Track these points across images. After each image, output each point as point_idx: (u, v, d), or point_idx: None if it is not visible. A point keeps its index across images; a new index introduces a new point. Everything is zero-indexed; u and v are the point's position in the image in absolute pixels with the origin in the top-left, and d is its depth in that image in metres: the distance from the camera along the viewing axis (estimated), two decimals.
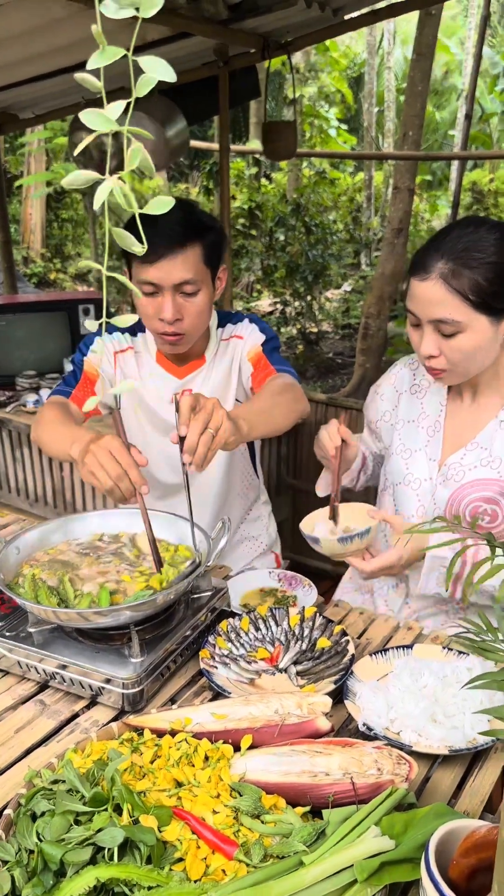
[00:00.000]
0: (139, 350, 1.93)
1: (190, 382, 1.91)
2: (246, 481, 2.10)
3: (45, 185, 12.28)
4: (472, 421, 1.60)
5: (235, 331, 1.94)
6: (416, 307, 1.46)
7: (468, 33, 15.22)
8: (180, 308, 1.69)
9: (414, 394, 1.71)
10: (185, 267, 1.64)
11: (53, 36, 2.75)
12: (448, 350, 1.45)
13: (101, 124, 0.58)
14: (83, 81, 0.60)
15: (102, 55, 0.59)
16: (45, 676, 1.31)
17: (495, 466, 1.55)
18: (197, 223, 1.67)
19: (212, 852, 0.91)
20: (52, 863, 0.87)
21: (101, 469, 1.34)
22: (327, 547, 1.54)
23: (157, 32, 2.95)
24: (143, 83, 0.58)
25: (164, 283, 1.65)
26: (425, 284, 1.42)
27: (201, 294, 1.71)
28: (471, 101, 5.93)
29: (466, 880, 0.79)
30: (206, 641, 1.39)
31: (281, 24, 3.18)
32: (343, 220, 11.43)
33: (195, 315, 1.72)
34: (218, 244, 1.74)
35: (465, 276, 1.38)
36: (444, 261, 1.40)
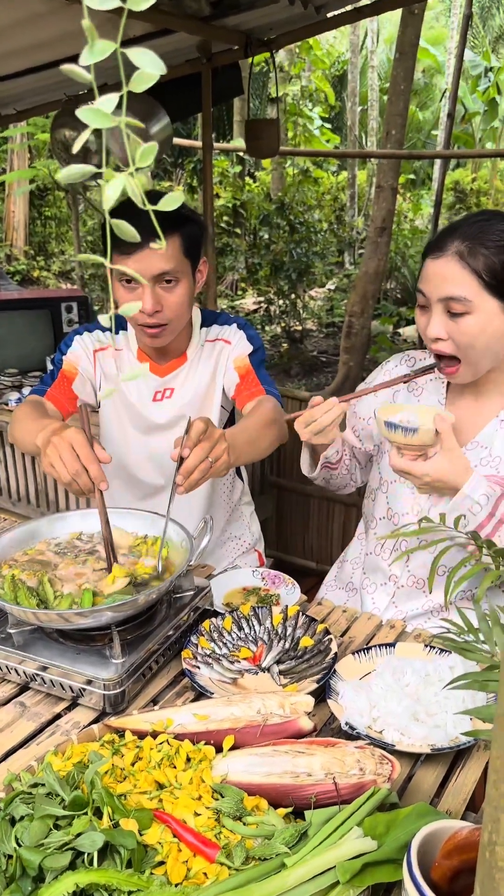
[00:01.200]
0: (120, 347, 1.92)
1: (171, 381, 1.90)
2: (229, 481, 2.09)
3: (29, 181, 12.19)
4: (473, 420, 1.60)
5: (222, 333, 1.92)
6: (427, 286, 1.46)
7: (450, 33, 15.28)
8: (160, 299, 1.68)
9: (411, 391, 1.70)
10: (163, 258, 1.64)
11: (34, 31, 2.73)
12: (456, 332, 1.43)
13: (98, 120, 0.57)
14: (71, 73, 0.58)
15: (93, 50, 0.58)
16: (25, 678, 1.30)
17: (495, 465, 1.54)
18: (175, 214, 1.67)
19: (193, 855, 0.90)
20: (30, 868, 0.86)
21: (60, 462, 1.35)
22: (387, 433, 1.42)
23: (139, 28, 2.93)
24: (141, 79, 0.57)
25: (144, 274, 1.64)
26: (440, 262, 1.43)
27: (181, 285, 1.71)
28: (453, 101, 5.94)
29: (449, 882, 0.78)
30: (189, 641, 1.38)
31: (264, 22, 3.17)
32: (327, 219, 11.43)
33: (175, 306, 1.71)
34: (197, 236, 1.74)
35: (481, 255, 1.39)
36: (460, 240, 1.42)
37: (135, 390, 1.91)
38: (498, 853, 0.58)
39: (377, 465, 1.77)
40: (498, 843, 0.58)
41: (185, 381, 1.90)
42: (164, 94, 3.54)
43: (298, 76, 12.36)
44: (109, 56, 0.59)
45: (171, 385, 1.90)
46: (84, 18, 0.56)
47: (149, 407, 1.91)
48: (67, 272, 13.34)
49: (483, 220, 1.44)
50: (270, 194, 11.02)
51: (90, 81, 0.59)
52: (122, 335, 1.92)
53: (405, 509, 1.65)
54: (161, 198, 0.58)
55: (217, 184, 9.86)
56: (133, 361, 1.91)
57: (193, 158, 9.85)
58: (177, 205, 0.64)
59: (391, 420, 1.42)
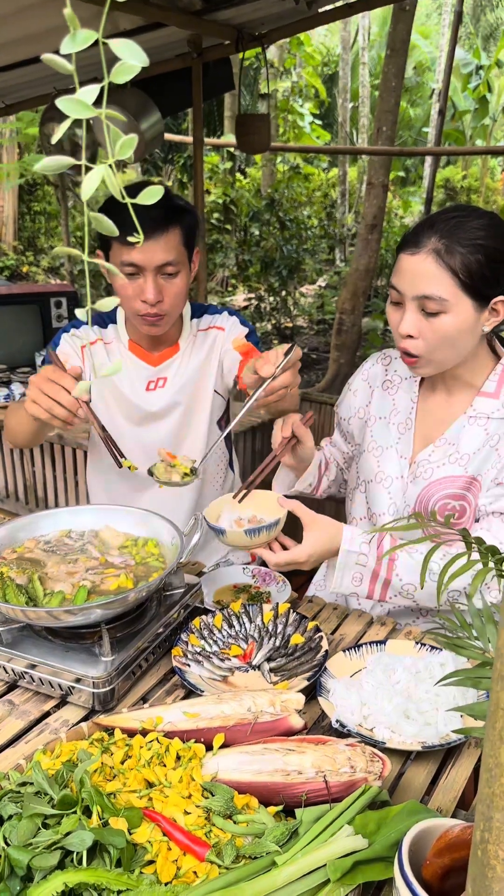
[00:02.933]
0: (109, 340, 1.92)
1: (164, 370, 1.91)
2: (222, 473, 2.10)
3: (17, 176, 12.12)
4: (443, 417, 1.59)
5: (215, 322, 1.95)
6: (402, 282, 1.44)
7: (442, 30, 15.30)
8: (161, 289, 1.71)
9: (386, 390, 1.70)
10: (166, 248, 1.66)
11: (23, 24, 2.71)
12: (429, 331, 1.42)
13: (78, 111, 0.56)
14: (51, 62, 0.57)
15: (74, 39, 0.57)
16: (13, 676, 1.29)
17: (462, 462, 1.54)
18: (176, 206, 1.71)
19: (183, 854, 0.89)
20: (18, 868, 0.85)
21: (41, 393, 1.41)
22: (232, 538, 1.45)
23: (129, 22, 2.91)
24: (122, 70, 0.56)
25: (147, 264, 1.66)
26: (416, 258, 1.40)
27: (181, 275, 1.73)
28: (444, 98, 5.95)
29: (440, 880, 0.78)
30: (179, 639, 1.38)
31: (255, 16, 3.16)
32: (317, 216, 11.43)
33: (175, 296, 1.74)
34: (194, 227, 1.77)
35: (458, 254, 1.37)
36: (437, 236, 1.39)
37: (127, 381, 1.91)
38: (490, 851, 0.58)
39: (355, 465, 1.77)
40: (490, 842, 0.58)
41: (179, 370, 1.92)
42: (156, 88, 3.52)
43: (289, 72, 12.34)
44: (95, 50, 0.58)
45: (163, 374, 1.92)
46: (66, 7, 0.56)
47: (142, 396, 1.91)
48: (56, 268, 13.28)
49: (460, 216, 1.41)
50: (261, 190, 11.00)
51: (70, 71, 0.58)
52: (112, 328, 1.93)
53: (383, 509, 1.65)
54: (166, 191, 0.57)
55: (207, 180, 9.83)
56: (124, 353, 1.91)
57: (184, 154, 9.82)
58: (157, 198, 0.63)
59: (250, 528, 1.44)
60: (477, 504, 1.54)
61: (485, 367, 1.55)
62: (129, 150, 0.53)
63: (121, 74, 0.52)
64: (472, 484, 1.53)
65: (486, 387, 1.54)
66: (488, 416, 1.52)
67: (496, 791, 0.56)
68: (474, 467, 1.53)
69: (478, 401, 1.54)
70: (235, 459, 2.18)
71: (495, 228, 1.41)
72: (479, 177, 17.11)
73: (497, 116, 17.47)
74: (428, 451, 1.58)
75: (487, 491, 1.52)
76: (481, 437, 1.52)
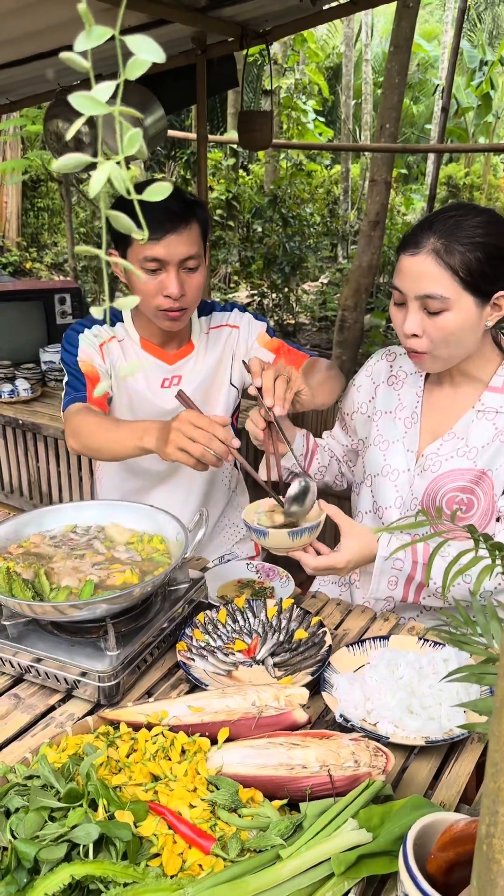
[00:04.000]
0: (122, 338, 1.92)
1: (181, 368, 1.92)
2: (228, 469, 2.11)
3: (21, 172, 12.10)
4: (450, 411, 1.60)
5: (226, 319, 1.97)
6: (403, 282, 1.45)
7: (445, 27, 15.25)
8: (183, 284, 1.71)
9: (391, 385, 1.71)
10: (189, 242, 1.67)
11: (27, 21, 2.71)
12: (432, 329, 1.44)
13: (92, 108, 0.56)
14: (69, 61, 0.58)
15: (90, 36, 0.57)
16: (19, 670, 1.30)
17: (471, 456, 1.55)
18: (194, 201, 1.72)
19: (188, 847, 0.90)
20: (25, 860, 0.86)
21: (190, 442, 1.39)
22: (275, 540, 1.44)
23: (134, 19, 2.91)
24: (135, 65, 0.56)
25: (171, 258, 1.66)
26: (416, 259, 1.42)
27: (200, 269, 1.74)
28: (447, 95, 5.94)
29: (444, 874, 0.79)
30: (183, 634, 1.38)
31: (259, 13, 3.16)
32: (320, 213, 11.42)
33: (196, 289, 1.75)
34: (207, 221, 1.78)
35: (457, 253, 1.38)
36: (436, 237, 1.41)
37: (143, 379, 1.92)
38: (495, 845, 0.58)
39: (361, 459, 1.78)
40: (495, 836, 0.58)
41: (194, 369, 1.93)
42: (159, 85, 3.52)
43: (292, 69, 12.31)
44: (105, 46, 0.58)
45: (178, 373, 1.92)
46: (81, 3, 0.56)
47: (158, 394, 1.92)
48: (60, 264, 13.27)
49: (458, 215, 1.43)
50: (264, 187, 10.98)
51: (87, 69, 0.58)
52: (120, 326, 1.92)
53: (389, 502, 1.66)
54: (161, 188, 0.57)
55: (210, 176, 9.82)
56: (137, 350, 1.91)
57: (186, 150, 9.80)
58: (165, 195, 0.63)
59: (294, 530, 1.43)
60: (488, 499, 1.55)
61: (491, 361, 1.56)
62: (136, 144, 0.53)
63: (133, 69, 0.52)
64: (481, 478, 1.54)
65: (494, 381, 1.55)
66: (497, 410, 1.54)
67: (501, 786, 0.57)
68: (484, 461, 1.54)
69: (486, 395, 1.55)
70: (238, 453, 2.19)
71: (493, 225, 1.42)
72: (481, 174, 17.08)
73: (500, 114, 17.42)
74: (436, 444, 1.59)
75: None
76: (490, 431, 1.54)
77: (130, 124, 0.60)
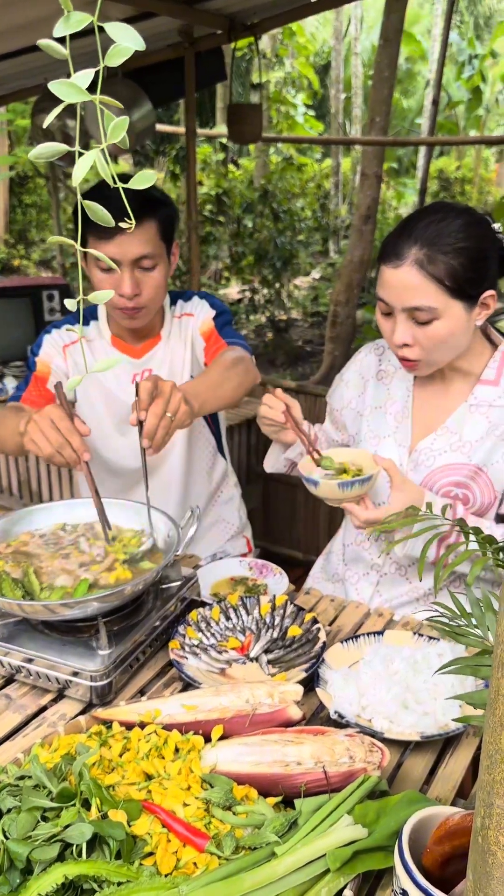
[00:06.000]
0: (91, 338, 1.93)
1: (149, 361, 1.92)
2: (208, 461, 2.09)
3: (8, 168, 12.04)
4: (442, 405, 1.60)
5: (186, 308, 1.96)
6: (388, 295, 1.44)
7: (435, 20, 15.23)
8: (138, 282, 1.71)
9: (381, 380, 1.70)
10: (142, 242, 1.67)
11: (13, 14, 2.68)
12: (423, 338, 1.43)
13: (72, 95, 0.55)
14: (47, 48, 0.56)
15: (68, 22, 0.56)
16: (10, 670, 1.28)
17: (465, 451, 1.54)
18: (151, 199, 1.70)
19: (183, 845, 0.89)
20: (18, 861, 0.85)
21: (42, 436, 1.38)
22: (326, 490, 1.46)
23: (120, 11, 2.88)
24: (116, 52, 0.55)
25: (123, 258, 1.66)
26: (399, 271, 1.40)
27: (158, 268, 1.73)
28: (437, 88, 5.92)
29: (440, 868, 0.78)
30: (176, 632, 1.37)
31: (247, 5, 3.14)
32: (311, 207, 11.39)
33: (153, 289, 1.74)
34: (172, 219, 1.77)
35: (441, 262, 1.37)
36: (417, 247, 1.38)
37: (112, 376, 1.91)
38: (490, 837, 0.58)
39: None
40: (490, 828, 0.58)
41: (162, 360, 1.92)
42: (147, 79, 3.50)
43: (282, 63, 12.28)
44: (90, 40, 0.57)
45: (148, 366, 1.92)
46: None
47: (128, 390, 1.91)
48: (48, 261, 13.21)
49: (437, 220, 1.40)
50: (254, 181, 10.95)
51: (65, 55, 0.57)
52: (94, 325, 1.93)
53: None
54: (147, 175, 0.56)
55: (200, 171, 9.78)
56: (107, 349, 1.91)
57: (175, 145, 9.77)
58: (150, 183, 0.62)
59: (344, 481, 1.45)
60: (485, 495, 1.54)
61: (482, 354, 1.56)
62: (121, 132, 0.52)
63: (115, 57, 0.51)
64: (476, 473, 1.54)
65: (486, 374, 1.54)
66: (490, 404, 1.53)
67: (496, 778, 0.56)
68: (479, 457, 1.53)
69: (478, 389, 1.54)
70: (226, 446, 2.18)
71: (473, 227, 1.41)
72: (472, 167, 17.08)
73: (491, 107, 17.43)
74: (429, 439, 1.58)
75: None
76: (484, 425, 1.53)
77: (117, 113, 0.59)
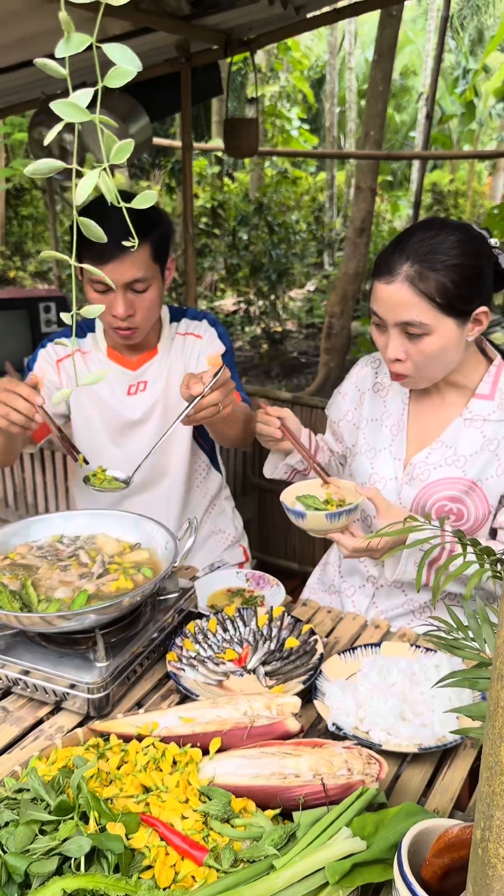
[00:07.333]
0: (87, 350, 1.93)
1: (144, 374, 1.92)
2: (202, 474, 2.10)
3: (5, 181, 12.08)
4: (437, 419, 1.60)
5: (193, 328, 1.96)
6: (381, 310, 1.45)
7: (428, 35, 15.37)
8: (132, 304, 1.72)
9: (377, 392, 1.71)
10: (134, 266, 1.66)
11: (11, 29, 2.70)
12: (415, 353, 1.44)
13: (72, 114, 0.56)
14: (44, 67, 0.57)
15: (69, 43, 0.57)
16: (7, 682, 1.28)
17: (460, 465, 1.55)
18: (144, 222, 1.69)
19: (181, 858, 0.89)
20: (16, 875, 0.84)
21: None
22: (313, 522, 1.47)
23: (118, 27, 2.91)
24: (116, 74, 0.56)
25: (116, 282, 1.67)
26: (391, 287, 1.41)
27: (151, 290, 1.74)
28: (431, 102, 5.97)
29: (439, 880, 0.78)
30: (173, 644, 1.37)
31: (244, 21, 3.16)
32: (305, 220, 11.45)
33: (146, 310, 1.75)
34: (166, 237, 1.76)
35: (432, 279, 1.38)
36: (409, 263, 1.39)
37: (107, 387, 1.92)
38: (490, 850, 0.58)
39: (348, 468, 1.78)
40: (490, 840, 0.58)
41: (158, 374, 1.93)
42: (144, 93, 3.52)
43: (277, 77, 12.37)
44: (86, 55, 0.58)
45: (143, 378, 1.92)
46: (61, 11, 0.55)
47: (123, 402, 1.92)
48: (44, 272, 13.23)
49: (430, 237, 1.41)
50: (249, 194, 11.01)
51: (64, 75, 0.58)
52: (90, 336, 1.94)
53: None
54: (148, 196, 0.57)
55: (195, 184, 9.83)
56: (103, 360, 1.92)
57: (171, 158, 9.82)
58: (151, 203, 0.63)
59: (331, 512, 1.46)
60: (479, 511, 1.55)
61: (476, 369, 1.57)
62: (125, 155, 0.53)
63: (115, 79, 0.52)
64: (471, 489, 1.54)
65: (481, 388, 1.55)
66: (484, 418, 1.54)
67: (496, 789, 0.56)
68: (474, 471, 1.54)
69: (473, 403, 1.55)
70: (220, 458, 2.19)
71: (467, 244, 1.41)
72: (466, 181, 17.20)
73: (484, 121, 17.56)
74: (424, 453, 1.59)
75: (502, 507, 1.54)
76: (478, 439, 1.54)
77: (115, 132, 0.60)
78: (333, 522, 1.45)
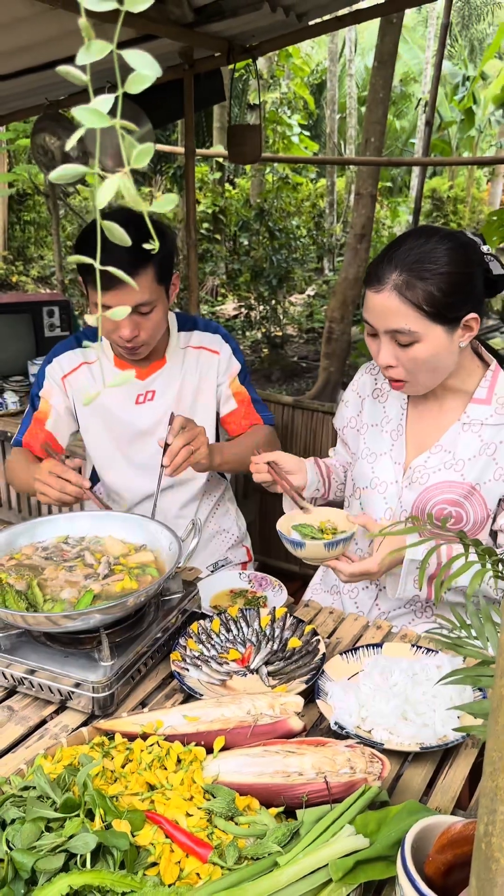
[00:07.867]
0: (93, 360, 1.93)
1: (152, 383, 1.92)
2: (213, 482, 2.12)
3: (8, 186, 12.12)
4: (435, 423, 1.62)
5: (206, 342, 1.96)
6: (371, 317, 1.47)
7: (428, 42, 15.44)
8: (137, 325, 1.72)
9: (376, 398, 1.73)
10: (139, 292, 1.66)
11: (16, 35, 2.72)
12: (405, 359, 1.46)
13: (94, 120, 0.57)
14: (67, 75, 0.58)
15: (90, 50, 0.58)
16: (12, 682, 1.29)
17: (459, 469, 1.56)
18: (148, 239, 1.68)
19: (186, 856, 0.90)
20: (23, 871, 0.85)
21: (46, 486, 1.59)
22: (311, 551, 1.49)
23: (123, 34, 2.92)
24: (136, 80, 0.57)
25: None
26: (380, 296, 1.43)
27: (157, 310, 1.74)
28: (431, 109, 6.00)
29: (442, 876, 0.79)
30: (177, 643, 1.38)
31: (246, 28, 3.19)
32: (306, 226, 11.50)
33: (151, 329, 1.76)
34: (169, 256, 1.76)
35: (419, 288, 1.39)
36: (397, 272, 1.40)
37: (115, 397, 1.92)
38: (494, 844, 0.59)
39: (350, 473, 1.79)
40: (494, 835, 0.59)
41: (168, 384, 1.92)
42: (147, 99, 3.54)
43: (278, 83, 12.42)
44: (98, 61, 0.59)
45: (152, 388, 1.92)
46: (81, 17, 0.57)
47: (131, 411, 1.91)
48: (47, 277, 13.27)
49: (419, 246, 1.42)
50: (250, 200, 11.05)
51: (86, 83, 0.59)
52: (97, 344, 1.96)
53: (379, 514, 1.66)
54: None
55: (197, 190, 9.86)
56: (111, 368, 1.92)
57: (173, 164, 9.86)
58: (173, 205, 0.64)
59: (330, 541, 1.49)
60: (478, 514, 1.56)
61: (474, 373, 1.58)
62: (146, 159, 0.54)
63: (135, 84, 0.53)
64: (471, 493, 1.55)
65: (478, 393, 1.56)
66: (482, 422, 1.55)
67: (500, 784, 0.57)
68: (473, 475, 1.55)
69: (471, 407, 1.56)
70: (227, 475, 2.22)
71: (456, 252, 1.42)
72: (465, 187, 17.26)
73: (483, 128, 17.63)
74: (423, 457, 1.60)
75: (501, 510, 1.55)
76: (476, 443, 1.55)
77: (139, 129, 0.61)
78: (331, 551, 1.49)
